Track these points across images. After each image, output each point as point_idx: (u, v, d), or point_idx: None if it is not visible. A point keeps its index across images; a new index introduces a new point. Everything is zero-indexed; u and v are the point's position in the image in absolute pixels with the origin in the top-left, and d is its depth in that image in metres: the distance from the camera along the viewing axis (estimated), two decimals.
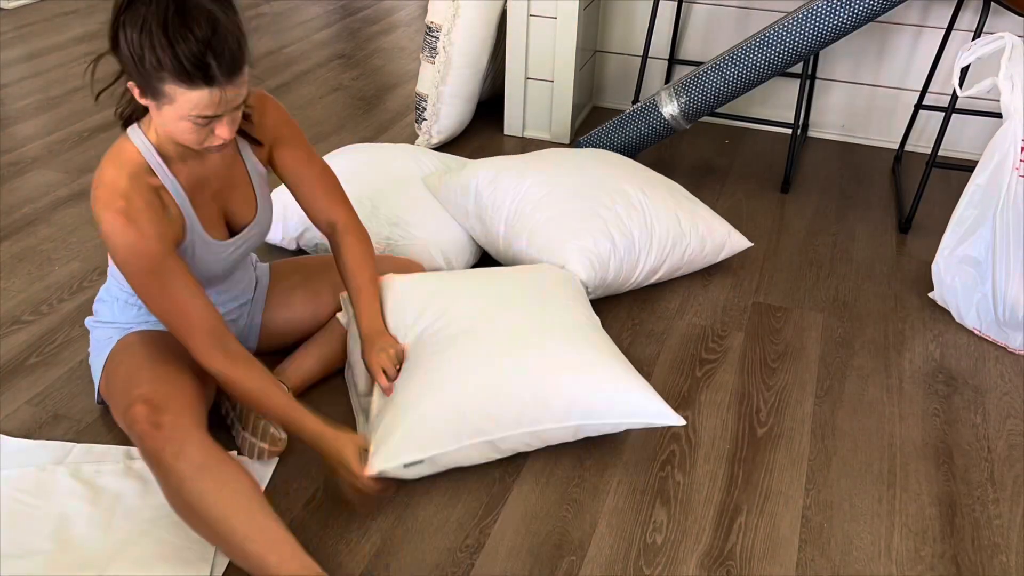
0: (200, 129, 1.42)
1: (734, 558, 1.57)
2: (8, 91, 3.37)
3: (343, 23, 4.37)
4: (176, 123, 1.41)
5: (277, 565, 1.37)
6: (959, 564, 1.58)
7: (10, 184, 2.71)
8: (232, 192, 1.66)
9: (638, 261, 2.16)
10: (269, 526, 1.40)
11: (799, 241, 2.57)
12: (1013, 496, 1.73)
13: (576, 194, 2.18)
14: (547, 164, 2.30)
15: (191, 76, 1.33)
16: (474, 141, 3.09)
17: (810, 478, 1.75)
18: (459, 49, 2.86)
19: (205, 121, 1.40)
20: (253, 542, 1.38)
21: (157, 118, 1.43)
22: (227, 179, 1.64)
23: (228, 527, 1.38)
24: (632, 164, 2.42)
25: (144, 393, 1.50)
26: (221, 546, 1.42)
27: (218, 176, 1.63)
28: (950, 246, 2.17)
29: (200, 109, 1.37)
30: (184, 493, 1.40)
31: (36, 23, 4.11)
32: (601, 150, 2.52)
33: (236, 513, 1.39)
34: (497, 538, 1.59)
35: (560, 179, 2.23)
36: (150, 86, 1.37)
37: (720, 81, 2.60)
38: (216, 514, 1.39)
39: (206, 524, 1.40)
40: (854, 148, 3.17)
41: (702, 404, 1.92)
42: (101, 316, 1.75)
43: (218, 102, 1.38)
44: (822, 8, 2.45)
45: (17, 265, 2.31)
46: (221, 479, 1.41)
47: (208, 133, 1.44)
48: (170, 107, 1.38)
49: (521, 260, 2.18)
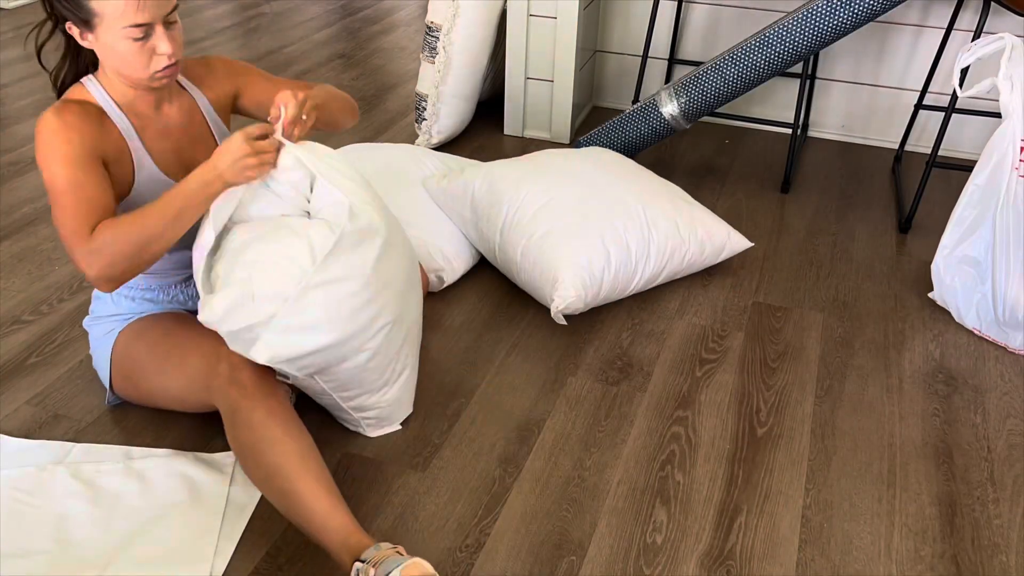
0: (141, 48, 1.48)
1: (734, 558, 1.57)
2: (8, 91, 3.37)
3: (343, 23, 4.37)
4: (117, 45, 1.47)
5: (323, 515, 1.44)
6: (959, 564, 1.58)
7: (10, 184, 2.71)
8: (195, 146, 1.69)
9: (635, 272, 2.15)
10: (321, 477, 1.47)
11: (799, 241, 2.57)
12: (1013, 496, 1.73)
13: (572, 208, 2.16)
14: (544, 171, 2.29)
15: None
16: (474, 141, 3.09)
17: (810, 478, 1.75)
18: (459, 49, 2.86)
19: (141, 33, 1.46)
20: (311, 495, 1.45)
21: (102, 53, 1.51)
22: (188, 132, 1.68)
23: (282, 474, 1.46)
24: (630, 166, 2.41)
25: (225, 352, 1.55)
26: (270, 491, 1.49)
27: (178, 127, 1.66)
28: (949, 246, 2.17)
29: (130, 16, 1.44)
30: (254, 439, 1.48)
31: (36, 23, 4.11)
32: (601, 149, 2.52)
33: (289, 462, 1.46)
34: (497, 538, 1.59)
35: (557, 189, 2.21)
36: (81, 10, 1.45)
37: (720, 81, 2.60)
38: (272, 460, 1.47)
39: (261, 468, 1.47)
40: (854, 148, 3.17)
41: (702, 404, 1.92)
42: (99, 312, 1.76)
43: (144, 5, 1.44)
44: (822, 8, 2.45)
45: (17, 265, 2.31)
46: (289, 434, 1.49)
47: (151, 53, 1.50)
48: (103, 27, 1.46)
49: (514, 270, 2.19)
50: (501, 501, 1.66)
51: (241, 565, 1.51)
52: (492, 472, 1.73)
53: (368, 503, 1.64)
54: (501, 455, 1.77)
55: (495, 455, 1.77)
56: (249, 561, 1.52)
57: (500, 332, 2.13)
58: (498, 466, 1.74)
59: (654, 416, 1.88)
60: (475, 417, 1.86)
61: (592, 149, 2.51)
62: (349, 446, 1.77)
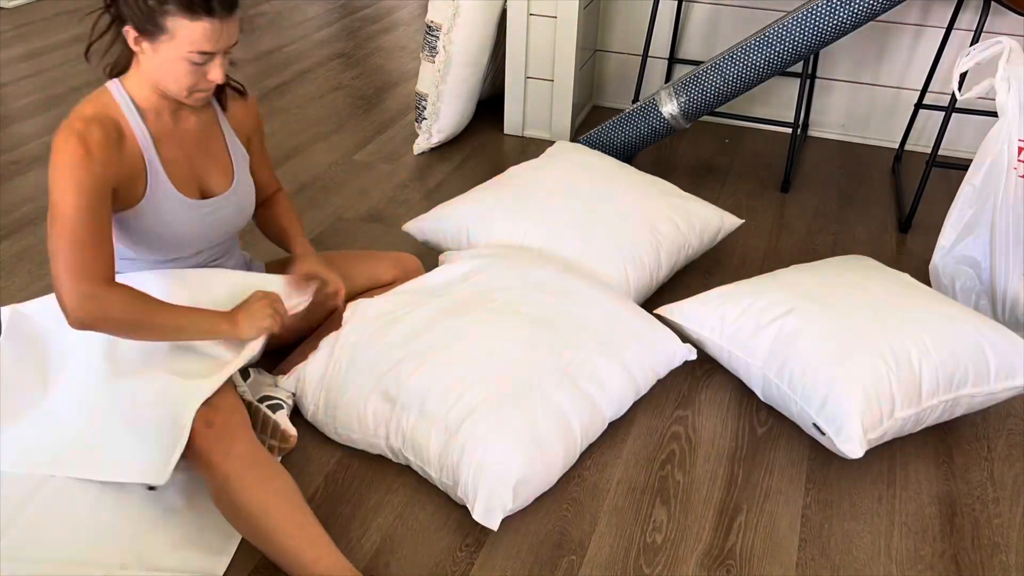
0: (195, 71, 1.50)
1: (734, 557, 1.57)
2: (8, 90, 3.37)
3: (343, 22, 4.37)
4: (173, 63, 1.48)
5: (313, 562, 1.41)
6: (959, 563, 1.58)
7: (10, 183, 2.71)
8: (208, 160, 1.69)
9: (650, 283, 2.16)
10: (307, 524, 1.45)
11: (799, 240, 2.57)
12: (1013, 495, 1.73)
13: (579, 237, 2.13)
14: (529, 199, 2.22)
15: (194, 6, 1.43)
16: (474, 140, 3.09)
17: (810, 477, 1.75)
18: (459, 48, 2.86)
19: (202, 59, 1.48)
20: (291, 538, 1.42)
21: (151, 61, 1.50)
22: (203, 146, 1.68)
23: (269, 523, 1.43)
24: (613, 166, 2.40)
25: None
26: (260, 541, 1.45)
27: (194, 140, 1.66)
28: (947, 246, 2.17)
29: (200, 43, 1.46)
30: (230, 490, 1.44)
31: (35, 22, 4.12)
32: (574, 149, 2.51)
33: (277, 509, 1.44)
34: (497, 537, 1.59)
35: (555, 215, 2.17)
36: (152, 22, 1.44)
37: (720, 80, 2.60)
38: (257, 510, 1.43)
39: (247, 520, 1.44)
40: (854, 147, 3.17)
41: (702, 404, 1.92)
42: None
43: (218, 37, 1.46)
44: (822, 7, 2.45)
45: (17, 264, 2.31)
46: (265, 477, 1.46)
47: (201, 77, 1.51)
48: (169, 44, 1.46)
49: None
50: None
51: (242, 564, 1.51)
52: None
53: (368, 502, 1.64)
54: None
55: None
56: (249, 560, 1.52)
57: None
58: None
59: (654, 415, 1.88)
60: None
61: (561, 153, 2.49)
62: None
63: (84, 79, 3.45)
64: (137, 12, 1.45)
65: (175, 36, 1.45)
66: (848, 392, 1.65)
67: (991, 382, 1.77)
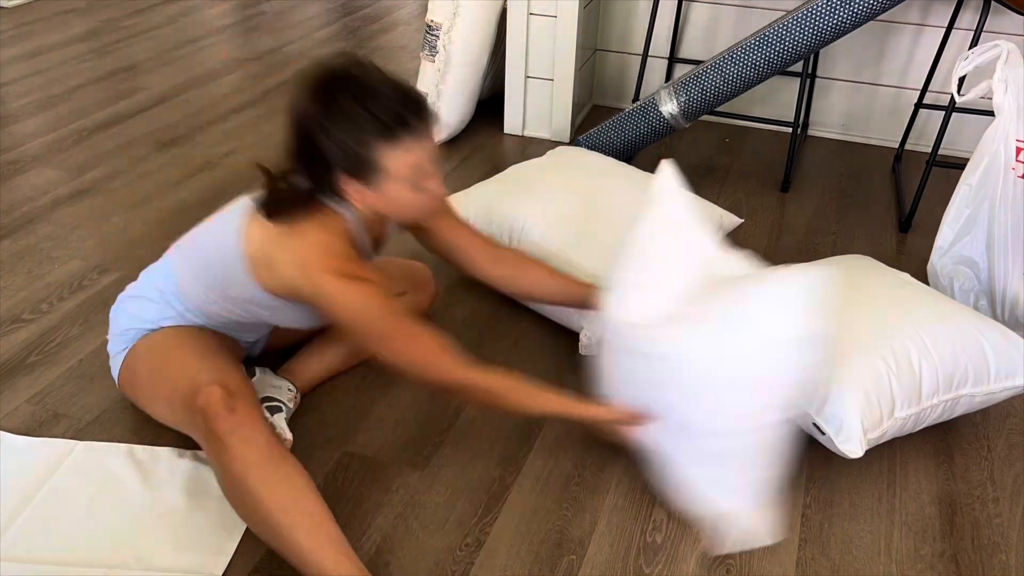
0: (420, 193, 1.51)
1: (734, 557, 1.57)
2: (8, 89, 3.37)
3: (343, 22, 4.37)
4: (399, 196, 1.50)
5: (335, 564, 1.39)
6: (959, 563, 1.58)
7: (10, 182, 2.71)
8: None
9: None
10: (328, 525, 1.42)
11: (799, 240, 2.57)
12: (1013, 495, 1.73)
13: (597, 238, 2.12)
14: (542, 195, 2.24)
15: (392, 129, 1.43)
16: (474, 140, 3.09)
17: (810, 477, 1.75)
18: (459, 48, 2.86)
19: (423, 177, 1.49)
20: (311, 536, 1.40)
21: (381, 203, 1.51)
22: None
23: (289, 519, 1.40)
24: (617, 169, 2.40)
25: (220, 377, 1.52)
26: (272, 536, 1.42)
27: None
28: (944, 247, 2.17)
29: (412, 163, 1.46)
30: (248, 479, 1.41)
31: (36, 21, 4.11)
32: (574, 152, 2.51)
33: (296, 506, 1.41)
34: (497, 537, 1.59)
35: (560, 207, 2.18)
36: (367, 166, 1.45)
37: (720, 80, 2.60)
38: (275, 504, 1.40)
39: (262, 512, 1.41)
40: (854, 147, 3.17)
41: None
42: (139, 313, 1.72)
43: (424, 150, 1.47)
44: (822, 7, 2.45)
45: (17, 263, 2.31)
46: (284, 471, 1.43)
47: (427, 197, 1.52)
48: (388, 180, 1.47)
49: None
50: (501, 500, 1.66)
51: (241, 563, 1.51)
52: (492, 471, 1.73)
53: (368, 501, 1.64)
54: (501, 454, 1.77)
55: (495, 454, 1.77)
56: (249, 560, 1.52)
57: (501, 331, 2.13)
58: (498, 465, 1.74)
59: None
60: (475, 416, 1.86)
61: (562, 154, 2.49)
62: (349, 445, 1.77)
63: (84, 79, 3.44)
64: (350, 163, 1.45)
65: (389, 168, 1.46)
66: (848, 392, 1.65)
67: (991, 382, 1.77)
